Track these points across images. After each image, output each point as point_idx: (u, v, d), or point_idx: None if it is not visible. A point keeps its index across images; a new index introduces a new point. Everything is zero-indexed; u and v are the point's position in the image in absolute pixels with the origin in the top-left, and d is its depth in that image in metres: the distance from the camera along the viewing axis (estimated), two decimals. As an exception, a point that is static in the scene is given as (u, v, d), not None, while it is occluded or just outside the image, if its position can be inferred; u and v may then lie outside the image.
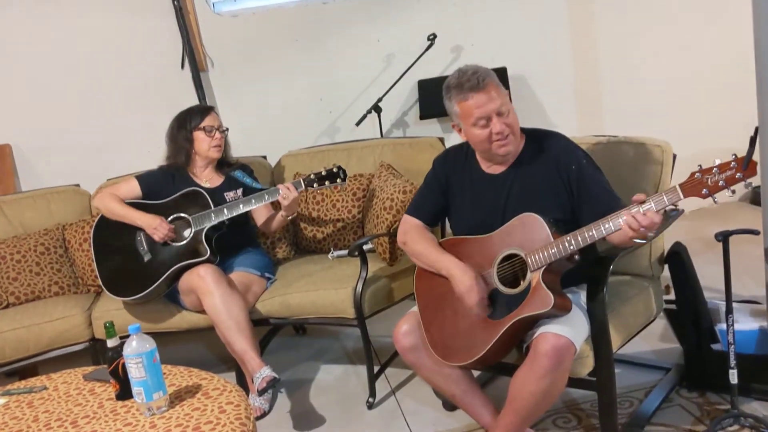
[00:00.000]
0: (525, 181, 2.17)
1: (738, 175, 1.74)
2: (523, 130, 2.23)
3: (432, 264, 2.24)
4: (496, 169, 2.22)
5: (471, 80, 2.07)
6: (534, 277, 2.01)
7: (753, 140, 1.77)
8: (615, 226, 1.90)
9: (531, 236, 2.04)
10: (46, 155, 4.00)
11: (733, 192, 1.77)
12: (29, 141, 3.96)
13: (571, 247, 1.95)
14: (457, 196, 2.29)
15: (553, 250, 1.97)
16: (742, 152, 1.77)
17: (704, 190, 1.78)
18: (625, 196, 2.18)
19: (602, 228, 1.91)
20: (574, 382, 2.15)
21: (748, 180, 1.74)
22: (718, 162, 1.78)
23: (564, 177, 2.13)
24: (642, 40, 4.35)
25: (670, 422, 2.33)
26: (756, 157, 1.78)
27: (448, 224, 2.44)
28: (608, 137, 2.52)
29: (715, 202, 1.78)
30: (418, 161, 3.20)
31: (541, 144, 2.19)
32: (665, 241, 2.49)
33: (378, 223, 2.96)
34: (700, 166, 1.80)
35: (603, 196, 2.09)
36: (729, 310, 2.20)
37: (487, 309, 2.10)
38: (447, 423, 2.55)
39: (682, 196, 1.80)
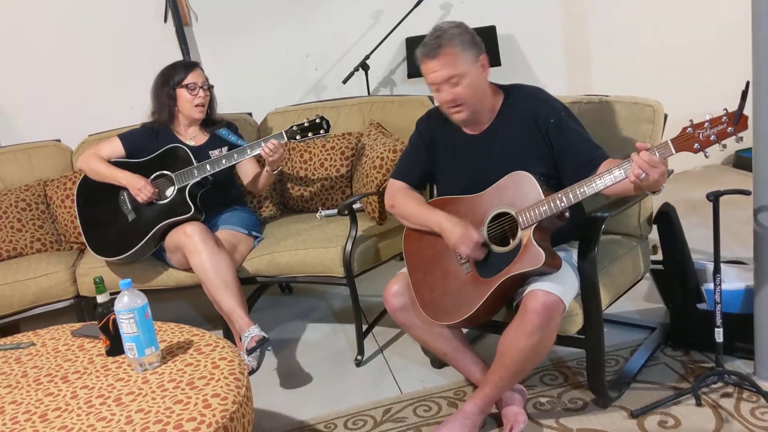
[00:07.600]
0: (506, 138, 2.16)
1: (729, 129, 1.73)
2: (501, 87, 2.23)
3: (422, 222, 2.23)
4: (475, 130, 2.22)
5: (428, 45, 2.06)
6: (525, 234, 2.01)
7: (744, 94, 1.75)
8: (606, 183, 1.90)
9: (522, 194, 2.03)
10: (26, 110, 3.89)
11: (724, 146, 1.76)
12: (8, 95, 3.85)
13: (562, 204, 1.95)
14: (442, 158, 2.28)
15: (543, 208, 1.97)
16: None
17: (696, 145, 1.78)
18: (617, 156, 2.17)
19: (593, 184, 1.91)
20: (563, 340, 2.17)
21: (739, 134, 1.74)
22: (709, 116, 1.77)
23: (543, 130, 2.12)
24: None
25: (656, 380, 2.37)
26: (748, 112, 1.77)
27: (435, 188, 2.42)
28: (599, 96, 2.51)
29: (706, 156, 1.78)
30: (408, 120, 3.16)
31: (518, 100, 2.19)
32: (654, 202, 2.50)
33: (367, 182, 2.94)
34: (691, 121, 1.79)
35: (583, 147, 2.09)
36: (717, 270, 2.22)
37: (484, 251, 2.08)
38: (435, 380, 2.57)
39: (673, 151, 1.80)
